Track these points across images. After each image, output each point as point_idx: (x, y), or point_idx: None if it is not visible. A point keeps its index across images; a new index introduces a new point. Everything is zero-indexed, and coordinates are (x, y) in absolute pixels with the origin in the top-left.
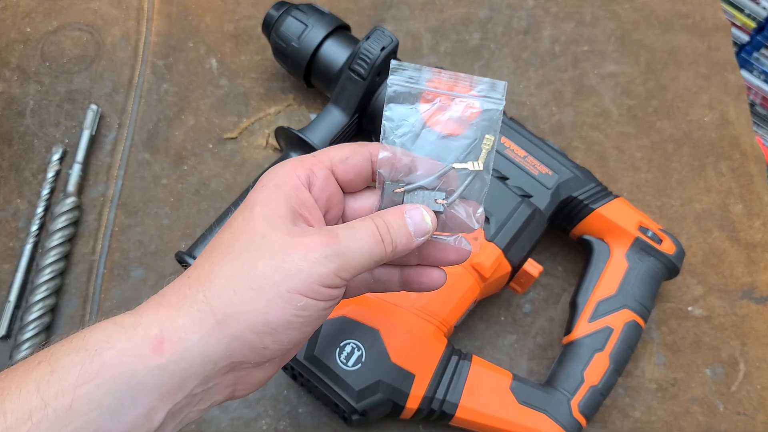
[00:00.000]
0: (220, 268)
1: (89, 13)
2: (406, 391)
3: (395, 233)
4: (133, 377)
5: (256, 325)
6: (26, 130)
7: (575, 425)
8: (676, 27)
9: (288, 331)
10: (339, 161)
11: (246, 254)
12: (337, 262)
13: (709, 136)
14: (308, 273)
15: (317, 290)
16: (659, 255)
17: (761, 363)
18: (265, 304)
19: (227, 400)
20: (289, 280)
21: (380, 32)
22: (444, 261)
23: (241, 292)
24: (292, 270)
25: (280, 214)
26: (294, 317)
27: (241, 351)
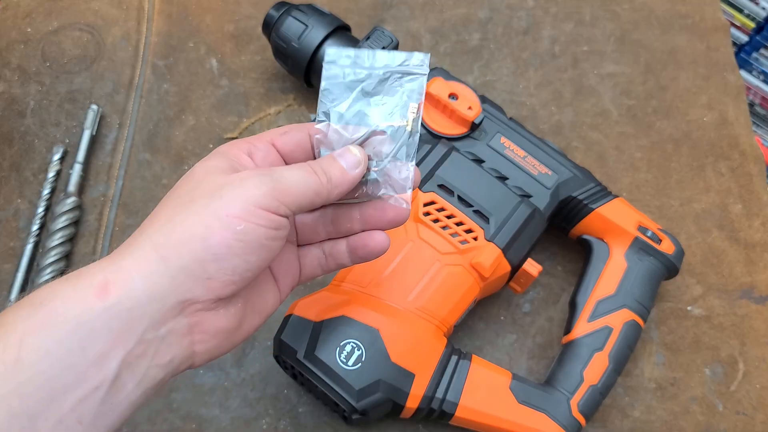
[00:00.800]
0: (162, 212)
1: (90, 13)
2: (406, 390)
3: (327, 168)
4: (79, 323)
5: (198, 251)
6: (27, 130)
7: (575, 424)
8: (675, 27)
9: (230, 258)
10: (278, 135)
11: (186, 196)
12: (272, 185)
13: (708, 136)
14: (244, 196)
15: (256, 213)
16: (658, 255)
17: (760, 363)
18: (203, 229)
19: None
20: (225, 206)
21: (380, 32)
22: (384, 221)
23: (180, 223)
24: (227, 197)
25: (219, 166)
26: (234, 241)
27: (186, 284)
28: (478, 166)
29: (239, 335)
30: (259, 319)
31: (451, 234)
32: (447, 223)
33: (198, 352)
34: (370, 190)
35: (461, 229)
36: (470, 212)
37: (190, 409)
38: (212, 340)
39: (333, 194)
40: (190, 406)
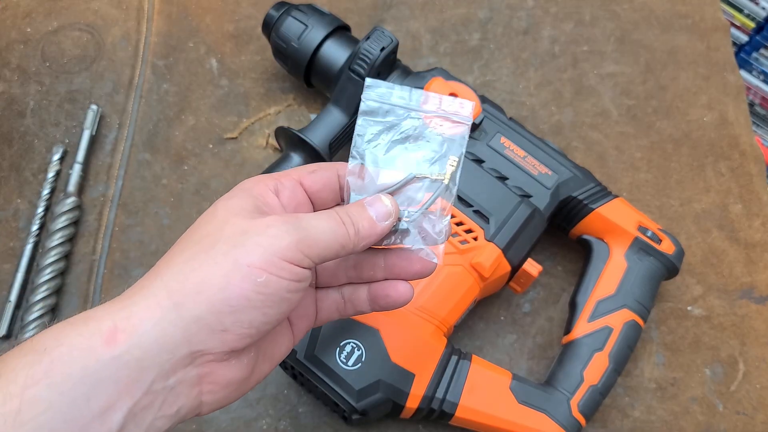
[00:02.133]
0: (179, 254)
1: (89, 13)
2: (406, 390)
3: (356, 218)
4: (85, 373)
5: (214, 302)
6: (27, 130)
7: (575, 425)
8: (675, 27)
9: (248, 311)
10: (307, 173)
11: (205, 239)
12: (298, 236)
13: (708, 136)
14: (268, 246)
15: (279, 265)
16: (658, 255)
17: (760, 363)
18: (222, 279)
19: (196, 409)
20: (247, 255)
21: (380, 32)
22: (409, 272)
23: (199, 269)
24: (250, 244)
25: (243, 206)
26: (254, 293)
27: (199, 335)
28: (478, 166)
29: (249, 384)
30: (270, 365)
31: (451, 234)
32: None
33: (206, 402)
34: (399, 239)
35: (461, 229)
36: (470, 212)
37: None
38: (222, 390)
39: (359, 246)
40: None
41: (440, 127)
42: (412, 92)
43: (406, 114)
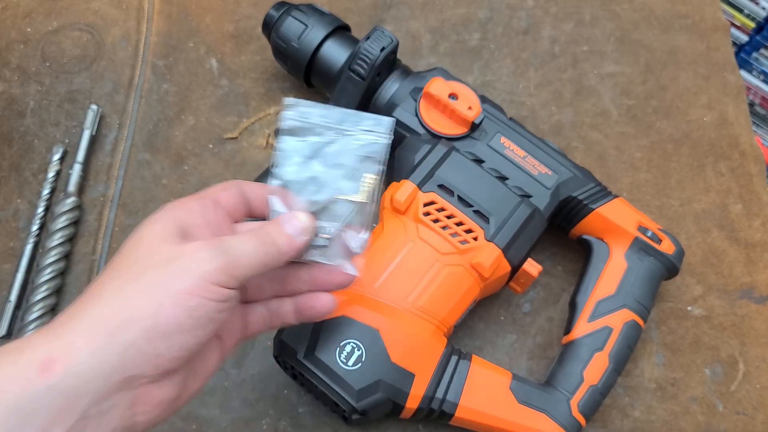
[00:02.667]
0: (110, 282)
1: (89, 13)
2: (406, 390)
3: (275, 236)
4: (19, 404)
5: (148, 329)
6: (27, 130)
7: (575, 425)
8: (675, 27)
9: (180, 335)
10: (220, 191)
11: (135, 266)
12: (224, 259)
13: (708, 136)
14: (196, 272)
15: (208, 288)
16: (658, 255)
17: (761, 363)
18: (155, 307)
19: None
20: (177, 282)
21: (380, 32)
22: (331, 284)
23: (131, 298)
24: (179, 272)
25: (168, 231)
26: (186, 318)
27: (134, 361)
28: (478, 166)
29: (180, 402)
30: (201, 382)
31: (451, 234)
32: (447, 223)
33: (139, 422)
34: (319, 254)
35: (461, 229)
36: (470, 212)
37: (191, 409)
38: (155, 410)
39: (281, 262)
40: (190, 406)
41: (358, 144)
42: (331, 111)
43: (325, 132)
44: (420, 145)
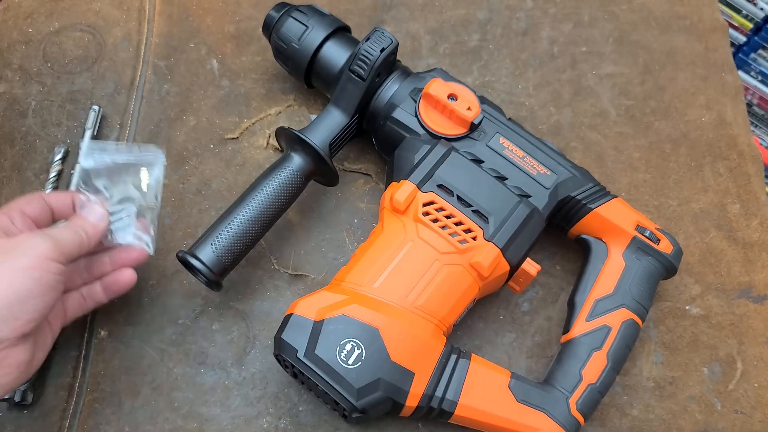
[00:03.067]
0: None
1: (91, 14)
2: (406, 389)
3: (82, 224)
4: None
5: (4, 298)
6: (28, 130)
7: (574, 423)
8: (673, 28)
9: (32, 300)
10: (25, 203)
11: None
12: (52, 242)
13: (706, 137)
14: (34, 252)
15: (46, 264)
16: (657, 254)
17: (758, 362)
18: (8, 281)
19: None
20: (21, 260)
21: (380, 33)
22: (130, 260)
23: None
24: (20, 254)
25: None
26: (34, 286)
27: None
28: (478, 167)
29: (33, 366)
30: (44, 353)
31: (450, 234)
32: (446, 222)
33: (1, 384)
34: (117, 238)
35: (460, 228)
36: (469, 212)
37: (191, 408)
38: (14, 372)
39: (92, 243)
40: (191, 405)
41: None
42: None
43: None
44: (419, 145)
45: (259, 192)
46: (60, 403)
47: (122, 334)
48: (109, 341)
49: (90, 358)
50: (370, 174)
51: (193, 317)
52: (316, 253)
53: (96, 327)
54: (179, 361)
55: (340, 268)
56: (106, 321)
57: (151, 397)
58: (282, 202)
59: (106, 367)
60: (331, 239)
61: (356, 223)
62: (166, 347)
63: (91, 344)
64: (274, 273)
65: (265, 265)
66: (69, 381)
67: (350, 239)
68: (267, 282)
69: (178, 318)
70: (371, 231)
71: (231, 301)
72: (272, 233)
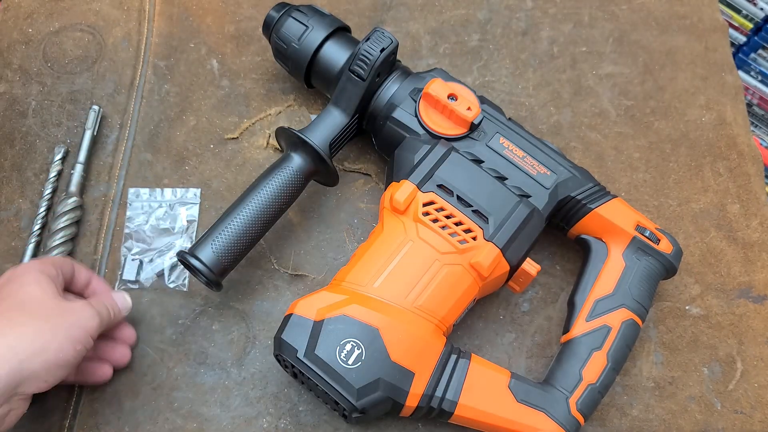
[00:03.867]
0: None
1: (91, 14)
2: (406, 389)
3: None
4: None
5: (50, 361)
6: (28, 130)
7: (573, 423)
8: (673, 28)
9: (65, 369)
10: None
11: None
12: (98, 320)
13: (706, 137)
14: (85, 326)
15: (87, 339)
16: (657, 254)
17: (758, 361)
18: (57, 346)
19: None
20: (74, 331)
21: (380, 33)
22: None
23: (41, 337)
24: (74, 324)
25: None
26: (73, 358)
27: (29, 383)
28: (478, 167)
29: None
30: None
31: (450, 234)
32: (446, 222)
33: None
34: None
35: (460, 228)
36: (469, 212)
37: (191, 408)
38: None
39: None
40: (191, 405)
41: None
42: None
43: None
44: (419, 145)
45: (259, 192)
46: (60, 403)
47: None
48: None
49: None
50: (370, 174)
51: (193, 317)
52: (316, 253)
53: None
54: (179, 361)
55: (340, 268)
56: None
57: (151, 397)
58: (282, 202)
59: None
60: (331, 239)
61: (356, 223)
62: (166, 347)
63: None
64: (274, 273)
65: (265, 265)
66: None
67: (350, 239)
68: (267, 282)
69: (178, 318)
70: (371, 231)
71: (231, 301)
72: (272, 233)
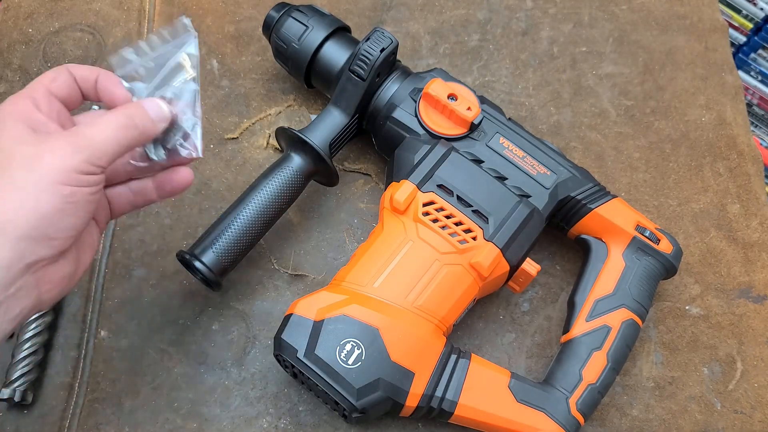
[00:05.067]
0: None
1: (91, 14)
2: (406, 389)
3: (139, 119)
4: None
5: (33, 221)
6: None
7: (573, 423)
8: (673, 28)
9: (66, 218)
10: (49, 82)
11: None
12: (86, 152)
13: (706, 137)
14: (62, 166)
15: (77, 178)
16: (657, 254)
17: (758, 362)
18: (34, 201)
19: (36, 307)
20: (49, 177)
21: (380, 33)
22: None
23: (9, 198)
24: (48, 168)
25: (20, 132)
26: (64, 204)
27: (30, 249)
28: (477, 167)
29: (78, 275)
30: (91, 253)
31: (450, 234)
32: (446, 222)
33: (45, 299)
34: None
35: (460, 228)
36: (469, 212)
37: (191, 408)
38: (57, 286)
39: (143, 142)
40: (191, 405)
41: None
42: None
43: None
44: (419, 145)
45: (259, 192)
46: (60, 403)
47: (122, 334)
48: (109, 341)
49: (90, 358)
50: (370, 174)
51: (193, 317)
52: (316, 253)
53: (96, 327)
54: (179, 361)
55: (340, 268)
56: (106, 321)
57: (151, 397)
58: (282, 202)
59: (106, 367)
60: (331, 239)
61: (356, 223)
62: (166, 347)
63: (91, 344)
64: (274, 273)
65: (265, 265)
66: (69, 381)
67: (350, 239)
68: (267, 282)
69: (178, 318)
70: (371, 231)
71: (231, 301)
72: (272, 233)
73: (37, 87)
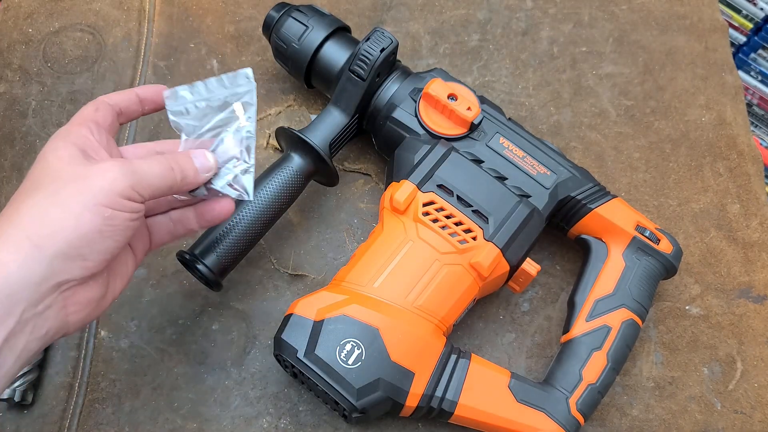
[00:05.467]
0: (25, 201)
1: (91, 14)
2: (406, 389)
3: (183, 166)
4: None
5: (71, 239)
6: (28, 130)
7: (573, 423)
8: (673, 28)
9: (102, 240)
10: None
11: (50, 186)
12: (133, 179)
13: (706, 137)
14: (108, 188)
15: (120, 202)
16: (657, 254)
17: (758, 362)
18: (75, 219)
19: (63, 328)
20: (93, 197)
21: (380, 33)
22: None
23: (51, 214)
24: (94, 189)
25: (71, 154)
26: (104, 226)
27: (62, 267)
28: (477, 167)
29: (106, 301)
30: (122, 283)
31: (450, 234)
32: (446, 223)
33: (72, 322)
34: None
35: (460, 228)
36: (469, 212)
37: (191, 408)
38: (84, 309)
39: (183, 190)
40: (191, 405)
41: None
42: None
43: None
44: (419, 145)
45: (259, 192)
46: (60, 403)
47: (122, 333)
48: (109, 341)
49: (90, 358)
50: (370, 174)
51: (193, 317)
52: (316, 253)
53: (96, 327)
54: (179, 361)
55: (340, 268)
56: (106, 321)
57: (151, 397)
58: (282, 203)
59: (106, 367)
60: (331, 239)
61: (356, 223)
62: (166, 347)
63: (91, 344)
64: (274, 273)
65: (265, 265)
66: (69, 381)
67: (350, 239)
68: (267, 282)
69: (178, 318)
70: (371, 231)
71: (231, 301)
72: (272, 233)
73: (85, 116)
